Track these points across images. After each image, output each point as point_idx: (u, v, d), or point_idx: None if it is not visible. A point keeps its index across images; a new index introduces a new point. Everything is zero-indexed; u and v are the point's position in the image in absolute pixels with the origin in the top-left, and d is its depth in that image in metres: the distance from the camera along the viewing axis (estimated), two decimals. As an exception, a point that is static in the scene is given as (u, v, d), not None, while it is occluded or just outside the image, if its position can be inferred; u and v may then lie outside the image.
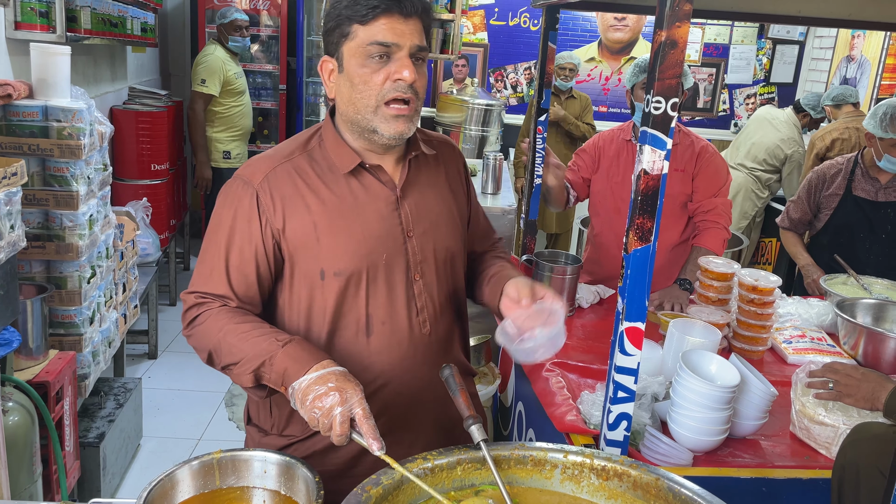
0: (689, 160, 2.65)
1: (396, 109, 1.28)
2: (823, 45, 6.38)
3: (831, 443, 1.68)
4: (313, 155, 1.37)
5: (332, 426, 1.14)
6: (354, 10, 1.25)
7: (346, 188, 1.34)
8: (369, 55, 1.26)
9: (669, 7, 1.30)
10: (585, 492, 1.21)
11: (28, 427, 2.12)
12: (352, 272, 1.33)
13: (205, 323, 1.31)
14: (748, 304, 2.20)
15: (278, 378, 1.22)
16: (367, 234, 1.34)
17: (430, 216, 1.41)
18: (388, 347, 1.37)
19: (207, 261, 1.35)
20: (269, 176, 1.33)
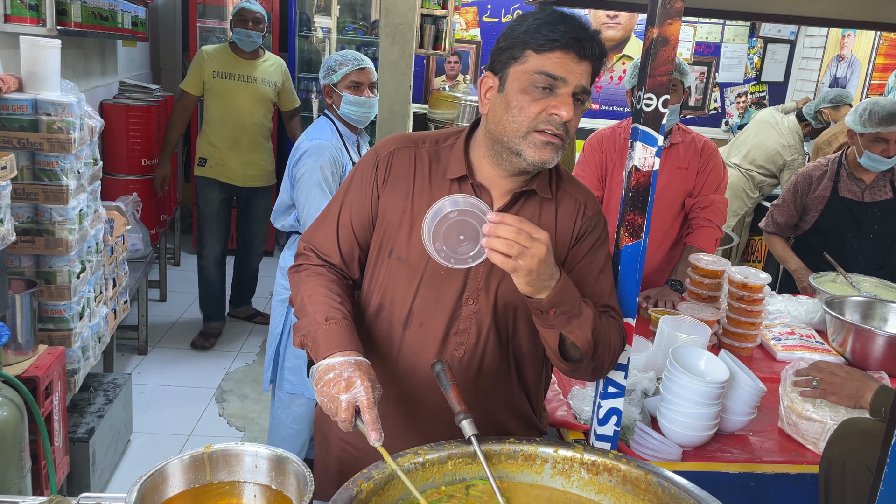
0: (693, 157, 2.67)
1: (549, 137, 1.27)
2: (814, 44, 6.42)
3: (819, 438, 1.70)
4: (440, 153, 1.43)
5: (338, 411, 1.19)
6: (533, 37, 1.26)
7: (445, 192, 1.37)
8: (534, 84, 1.26)
9: (661, 4, 1.31)
10: (576, 486, 1.22)
11: (17, 422, 2.11)
12: (412, 262, 1.39)
13: (300, 274, 1.45)
14: (738, 301, 2.22)
15: (314, 352, 1.29)
16: None
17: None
18: (419, 349, 1.42)
19: (328, 214, 1.48)
20: (393, 152, 1.44)
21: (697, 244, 2.61)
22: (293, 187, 2.65)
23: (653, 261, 2.70)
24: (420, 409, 1.45)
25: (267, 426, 3.04)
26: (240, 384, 3.88)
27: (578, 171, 2.85)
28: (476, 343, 1.41)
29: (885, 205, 2.96)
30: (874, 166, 2.90)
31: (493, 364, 1.44)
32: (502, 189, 1.39)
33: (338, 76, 2.71)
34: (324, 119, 2.79)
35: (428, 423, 1.45)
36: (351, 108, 2.70)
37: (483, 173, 1.39)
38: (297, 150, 2.66)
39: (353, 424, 1.20)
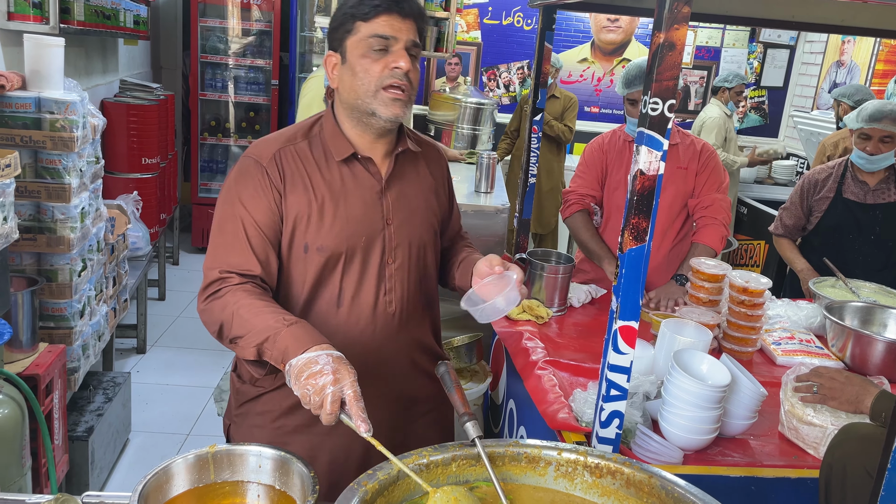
0: (692, 158, 2.68)
1: (394, 93, 1.42)
2: (814, 49, 6.44)
3: (819, 443, 1.70)
4: (313, 141, 1.51)
5: (323, 404, 1.18)
6: (358, 9, 1.42)
7: (338, 174, 1.49)
8: (370, 47, 1.41)
9: (668, 9, 1.31)
10: (579, 489, 1.22)
11: (18, 420, 2.11)
12: (332, 250, 1.47)
13: (223, 297, 1.39)
14: (738, 306, 2.22)
15: (279, 355, 1.28)
16: (350, 218, 1.48)
17: (409, 208, 1.56)
18: (355, 321, 1.51)
19: (228, 233, 1.45)
20: (275, 155, 1.48)
21: (705, 241, 2.63)
22: None
23: (653, 261, 2.71)
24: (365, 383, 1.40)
25: (266, 426, 3.04)
26: (238, 384, 3.88)
27: (579, 172, 2.86)
28: (402, 296, 1.56)
29: (888, 207, 2.98)
30: (864, 165, 2.96)
31: (415, 309, 1.60)
32: (380, 155, 1.54)
33: None
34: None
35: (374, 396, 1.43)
36: None
37: (360, 146, 1.51)
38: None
39: (337, 418, 1.19)
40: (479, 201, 3.33)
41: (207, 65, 5.81)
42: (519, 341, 2.21)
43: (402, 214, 1.54)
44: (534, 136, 2.77)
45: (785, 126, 6.77)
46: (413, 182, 1.59)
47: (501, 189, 3.67)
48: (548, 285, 2.49)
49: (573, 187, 2.85)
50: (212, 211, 5.50)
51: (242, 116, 5.99)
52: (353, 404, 1.18)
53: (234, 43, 5.80)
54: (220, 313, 1.38)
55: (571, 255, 2.69)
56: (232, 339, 1.37)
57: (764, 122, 6.80)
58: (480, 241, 3.10)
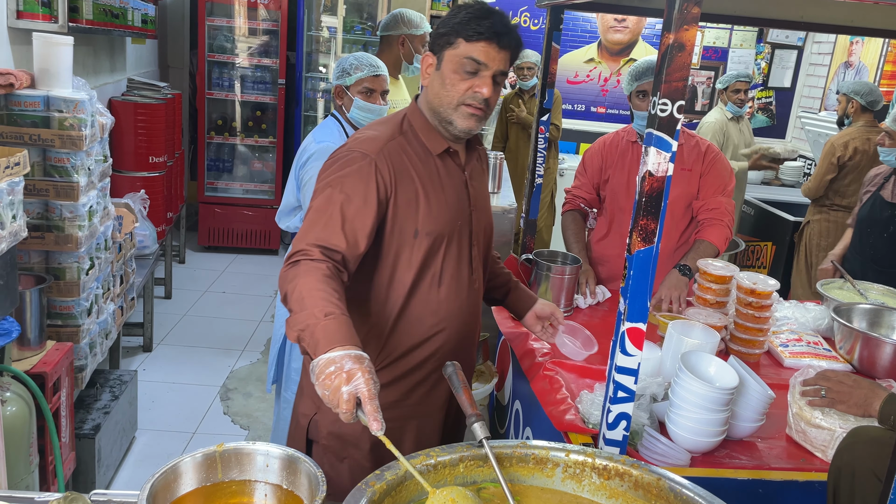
0: (696, 159, 2.67)
1: (473, 109, 1.57)
2: (822, 50, 6.41)
3: (827, 446, 1.69)
4: (407, 137, 1.63)
5: (339, 403, 1.21)
6: (465, 28, 1.54)
7: (434, 166, 1.64)
8: (463, 67, 1.55)
9: (678, 10, 1.31)
10: (586, 491, 1.22)
11: (26, 418, 2.12)
12: (438, 234, 1.61)
13: (297, 267, 1.45)
14: (746, 307, 2.22)
15: (311, 348, 1.31)
16: (449, 205, 1.63)
17: (482, 198, 1.76)
18: (454, 297, 1.66)
19: (322, 213, 1.52)
20: (383, 150, 1.58)
21: (709, 238, 2.62)
22: (300, 189, 2.65)
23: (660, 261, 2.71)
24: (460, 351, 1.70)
25: (271, 425, 3.05)
26: (244, 382, 3.89)
27: (577, 174, 2.89)
28: (481, 273, 1.75)
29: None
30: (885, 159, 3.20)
31: (482, 283, 1.79)
32: (462, 150, 1.69)
33: (352, 79, 2.66)
34: (331, 120, 2.76)
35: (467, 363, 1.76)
36: (361, 113, 2.70)
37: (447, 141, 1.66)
38: (304, 152, 2.64)
39: (355, 416, 1.22)
40: (486, 201, 3.33)
41: (214, 64, 5.82)
42: (525, 342, 2.21)
43: (479, 203, 1.72)
44: (540, 136, 2.77)
45: (792, 127, 6.75)
46: (480, 175, 1.79)
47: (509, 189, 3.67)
48: (554, 286, 2.48)
49: (570, 188, 2.91)
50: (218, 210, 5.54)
51: (249, 115, 6.00)
52: (368, 403, 1.21)
53: (241, 42, 5.81)
54: (288, 283, 1.43)
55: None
56: (290, 310, 1.41)
57: (771, 123, 6.78)
58: (487, 241, 3.10)
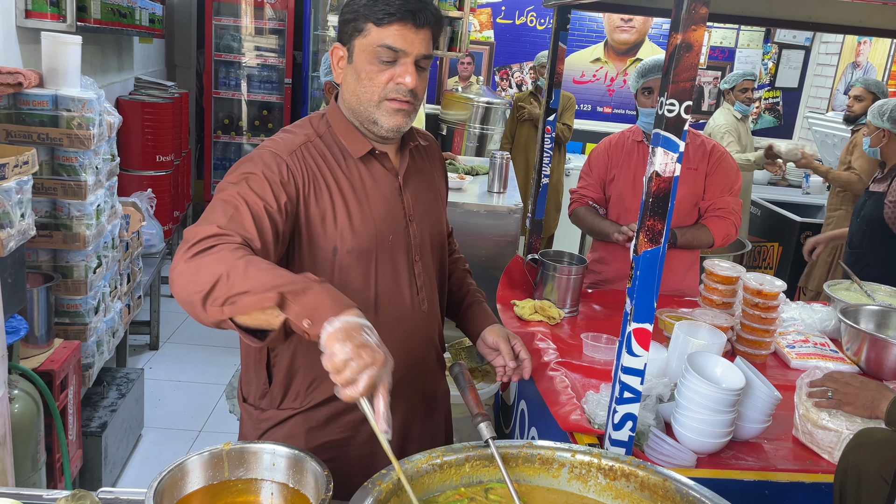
0: (702, 159, 2.67)
1: (398, 104, 1.38)
2: (829, 50, 6.39)
3: (834, 447, 1.69)
4: (325, 140, 1.44)
5: (358, 379, 1.03)
6: (372, 11, 1.33)
7: (357, 172, 1.43)
8: (378, 56, 1.35)
9: (685, 10, 1.31)
10: (592, 491, 1.22)
11: (33, 415, 2.13)
12: (362, 250, 1.40)
13: (219, 252, 1.15)
14: (752, 308, 2.21)
15: (305, 311, 1.08)
16: (375, 216, 1.42)
17: (426, 203, 1.53)
18: (394, 323, 1.45)
19: (230, 202, 1.26)
20: (295, 153, 1.38)
21: (709, 226, 2.67)
22: None
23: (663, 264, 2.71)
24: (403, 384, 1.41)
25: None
26: (250, 381, 3.90)
27: (582, 174, 2.88)
28: (430, 292, 1.54)
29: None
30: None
31: (436, 305, 1.59)
32: (393, 150, 1.49)
33: None
34: None
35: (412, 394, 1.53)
36: None
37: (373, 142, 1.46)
38: None
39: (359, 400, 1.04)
40: (492, 201, 3.33)
41: (221, 63, 5.84)
42: (531, 342, 2.21)
43: (421, 210, 1.51)
44: (547, 136, 2.77)
45: (799, 127, 6.72)
46: (424, 176, 1.56)
47: (514, 189, 3.67)
48: (560, 286, 2.48)
49: (576, 188, 2.90)
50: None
51: (255, 115, 6.01)
52: (383, 399, 1.05)
53: (247, 41, 5.83)
54: (214, 267, 1.12)
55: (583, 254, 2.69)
56: (232, 295, 1.10)
57: (778, 124, 6.75)
58: (493, 241, 3.10)
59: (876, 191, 3.37)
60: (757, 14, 2.57)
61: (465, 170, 3.88)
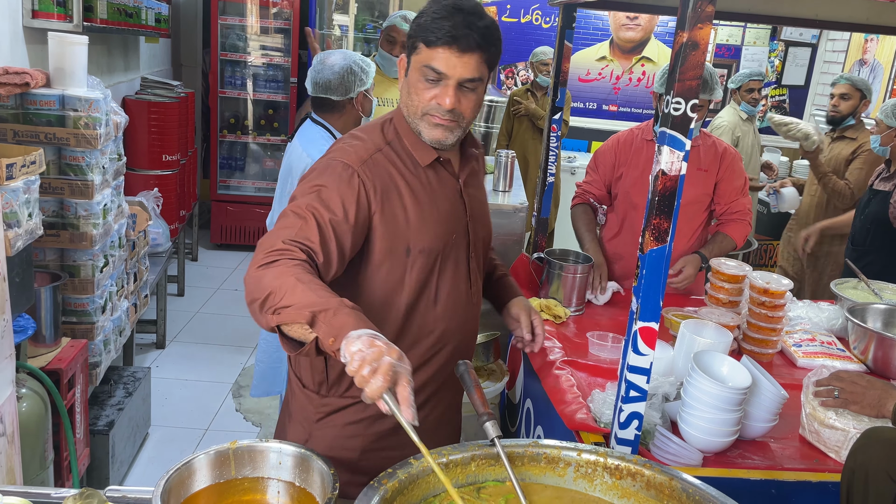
0: (713, 161, 2.67)
1: (437, 120, 1.46)
2: (836, 48, 6.36)
3: (841, 446, 1.68)
4: (394, 147, 1.52)
5: (377, 372, 1.08)
6: (425, 32, 1.42)
7: (425, 177, 1.52)
8: (425, 75, 1.43)
9: (692, 8, 1.30)
10: (598, 490, 1.22)
11: (41, 414, 2.14)
12: (433, 249, 1.50)
13: (282, 266, 1.29)
14: (759, 307, 2.20)
15: (333, 329, 1.17)
16: (442, 218, 1.52)
17: (478, 205, 1.64)
18: (452, 315, 1.55)
19: (300, 214, 1.38)
20: (367, 162, 1.46)
21: (729, 232, 2.70)
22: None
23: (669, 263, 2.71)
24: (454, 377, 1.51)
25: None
26: (256, 380, 3.91)
27: (588, 169, 2.88)
28: (480, 287, 1.65)
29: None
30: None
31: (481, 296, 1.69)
32: (455, 156, 1.58)
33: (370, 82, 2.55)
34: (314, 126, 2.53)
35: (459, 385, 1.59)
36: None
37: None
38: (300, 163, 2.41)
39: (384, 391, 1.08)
40: (498, 200, 3.32)
41: (227, 62, 5.85)
42: (537, 341, 2.21)
43: (476, 211, 1.61)
44: (553, 134, 2.77)
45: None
46: (476, 179, 1.67)
47: (520, 188, 3.66)
48: (565, 285, 2.48)
49: (581, 182, 2.90)
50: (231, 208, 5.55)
51: (261, 114, 6.02)
52: (405, 388, 1.09)
53: (253, 41, 5.84)
54: (273, 281, 1.26)
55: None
56: (279, 307, 1.23)
57: (785, 121, 6.72)
58: (499, 239, 3.10)
59: (881, 189, 3.36)
60: (763, 12, 2.56)
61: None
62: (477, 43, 1.40)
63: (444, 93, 1.42)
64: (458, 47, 1.39)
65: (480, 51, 1.41)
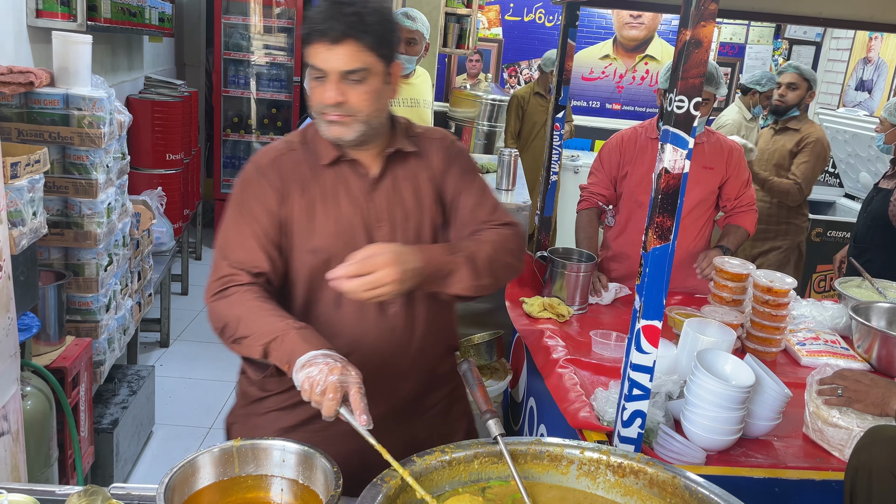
0: (719, 159, 2.67)
1: (329, 116, 1.42)
2: (840, 46, 6.34)
3: (844, 445, 1.68)
4: (309, 146, 1.52)
5: (325, 391, 1.18)
6: (305, 29, 1.40)
7: (327, 177, 1.49)
8: (312, 74, 1.41)
9: (695, 6, 1.30)
10: (601, 488, 1.22)
11: (45, 412, 2.15)
12: (322, 249, 1.47)
13: (230, 297, 1.40)
14: (763, 306, 2.20)
15: (285, 356, 1.27)
16: (340, 220, 1.48)
17: (403, 210, 1.52)
18: (359, 321, 1.50)
19: (235, 230, 1.47)
20: (274, 162, 1.50)
21: (741, 223, 2.72)
22: None
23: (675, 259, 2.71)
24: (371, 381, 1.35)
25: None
26: (260, 378, 3.91)
27: (593, 170, 2.85)
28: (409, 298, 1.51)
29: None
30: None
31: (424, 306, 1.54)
32: (370, 156, 1.51)
33: None
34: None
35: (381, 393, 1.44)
36: None
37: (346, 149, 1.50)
38: None
39: (337, 411, 1.18)
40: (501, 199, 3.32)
41: (230, 62, 5.85)
42: (540, 339, 2.21)
43: (397, 216, 1.51)
44: (556, 133, 2.77)
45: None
46: (408, 181, 1.54)
47: (523, 186, 3.66)
48: (569, 283, 2.48)
49: (586, 184, 2.87)
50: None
51: (265, 113, 6.03)
52: (356, 394, 1.19)
53: (256, 40, 5.84)
54: (226, 312, 1.38)
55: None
56: (236, 338, 1.36)
57: (789, 120, 6.71)
58: (501, 238, 3.09)
59: (885, 187, 3.36)
60: (767, 10, 2.56)
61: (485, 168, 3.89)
62: (344, 32, 1.35)
63: (326, 88, 1.39)
64: (328, 40, 1.36)
65: (353, 38, 1.36)
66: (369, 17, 1.37)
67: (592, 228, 2.79)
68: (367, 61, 1.38)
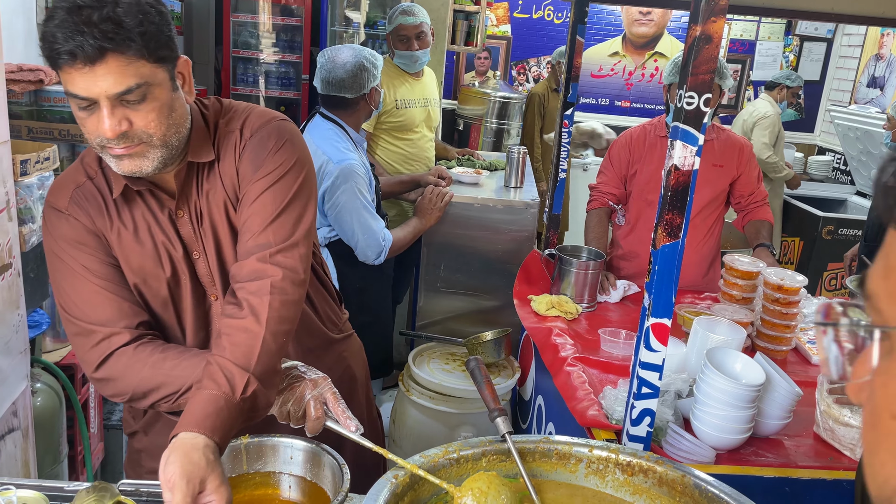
0: (731, 157, 2.65)
1: (115, 150, 1.14)
2: (852, 42, 6.29)
3: (856, 444, 1.67)
4: (96, 181, 1.27)
5: (307, 412, 1.18)
6: (46, 50, 1.07)
7: (126, 211, 1.26)
8: (75, 103, 1.11)
9: (705, 2, 1.29)
10: (610, 487, 1.22)
11: (55, 408, 2.16)
12: (147, 285, 1.29)
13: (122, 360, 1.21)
14: (773, 304, 2.18)
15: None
16: (155, 256, 1.27)
17: (213, 234, 1.30)
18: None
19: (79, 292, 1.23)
20: (73, 199, 1.25)
21: (764, 217, 2.71)
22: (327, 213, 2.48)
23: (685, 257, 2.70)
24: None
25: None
26: (268, 376, 3.91)
27: (603, 168, 2.84)
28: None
29: None
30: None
31: None
32: (169, 178, 1.25)
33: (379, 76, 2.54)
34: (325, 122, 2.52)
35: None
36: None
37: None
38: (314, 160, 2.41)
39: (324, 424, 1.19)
40: (509, 196, 3.31)
41: (239, 60, 5.86)
42: (548, 337, 2.20)
43: (208, 244, 1.29)
44: (564, 130, 2.76)
45: (821, 121, 6.63)
46: (213, 193, 1.28)
47: (531, 184, 3.65)
48: (577, 281, 2.47)
49: (597, 183, 2.85)
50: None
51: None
52: (338, 404, 1.20)
53: (265, 38, 5.85)
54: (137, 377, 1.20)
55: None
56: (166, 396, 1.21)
57: (799, 117, 6.67)
58: (509, 235, 3.09)
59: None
60: (778, 6, 2.54)
61: (483, 165, 3.87)
62: (100, 47, 1.04)
63: (100, 121, 1.09)
64: (82, 62, 1.04)
65: (115, 52, 1.05)
66: (127, 17, 1.06)
67: (602, 228, 2.77)
68: (143, 73, 1.09)
